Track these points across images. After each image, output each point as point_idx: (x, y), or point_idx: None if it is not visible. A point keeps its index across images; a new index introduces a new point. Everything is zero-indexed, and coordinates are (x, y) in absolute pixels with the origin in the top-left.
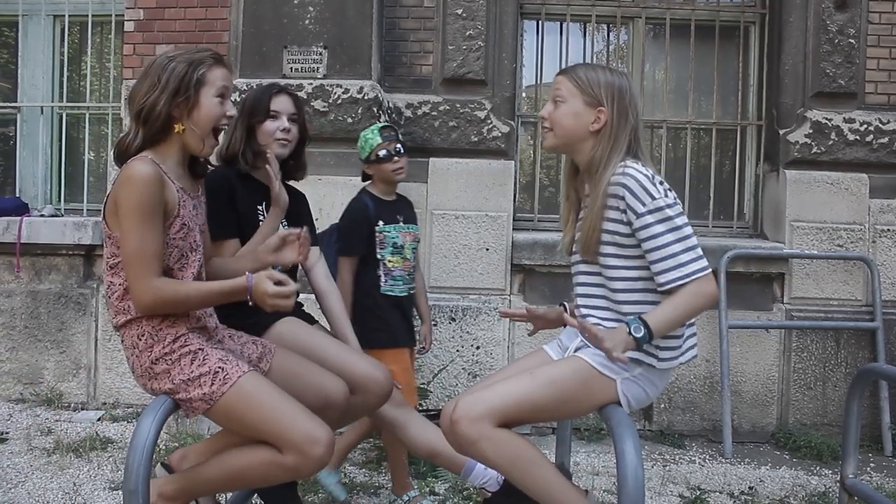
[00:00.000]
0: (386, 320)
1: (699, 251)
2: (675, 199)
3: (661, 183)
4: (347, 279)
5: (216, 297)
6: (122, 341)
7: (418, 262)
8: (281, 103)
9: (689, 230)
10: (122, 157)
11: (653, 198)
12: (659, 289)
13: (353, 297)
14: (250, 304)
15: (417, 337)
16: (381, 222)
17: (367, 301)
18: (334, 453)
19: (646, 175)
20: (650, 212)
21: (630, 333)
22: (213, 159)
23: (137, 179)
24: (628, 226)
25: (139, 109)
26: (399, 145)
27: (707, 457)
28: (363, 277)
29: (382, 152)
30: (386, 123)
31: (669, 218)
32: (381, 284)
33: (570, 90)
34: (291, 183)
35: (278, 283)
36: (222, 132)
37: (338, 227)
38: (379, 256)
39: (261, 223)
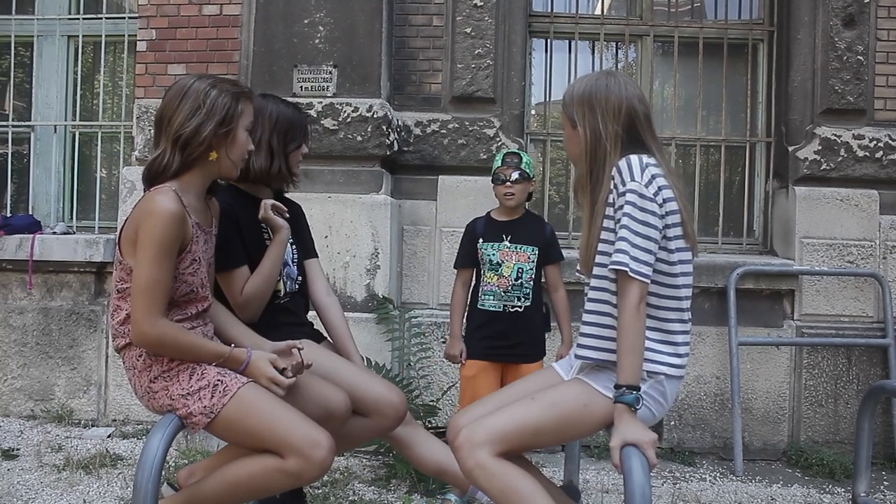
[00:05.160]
0: (470, 332)
1: (639, 252)
2: (655, 193)
3: (653, 177)
4: (457, 290)
5: (210, 357)
6: (123, 363)
7: (556, 282)
8: None
9: (644, 229)
10: (155, 179)
11: (633, 179)
12: None
13: (466, 308)
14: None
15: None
16: (481, 240)
17: (468, 315)
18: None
19: (639, 162)
20: (623, 193)
21: (627, 405)
22: None
23: (162, 215)
24: (617, 213)
25: (179, 134)
26: (516, 173)
27: (718, 475)
28: (474, 291)
29: (498, 176)
30: (513, 150)
31: (633, 204)
32: (479, 298)
33: (562, 117)
34: (289, 195)
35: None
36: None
37: None
38: (482, 273)
39: (267, 243)
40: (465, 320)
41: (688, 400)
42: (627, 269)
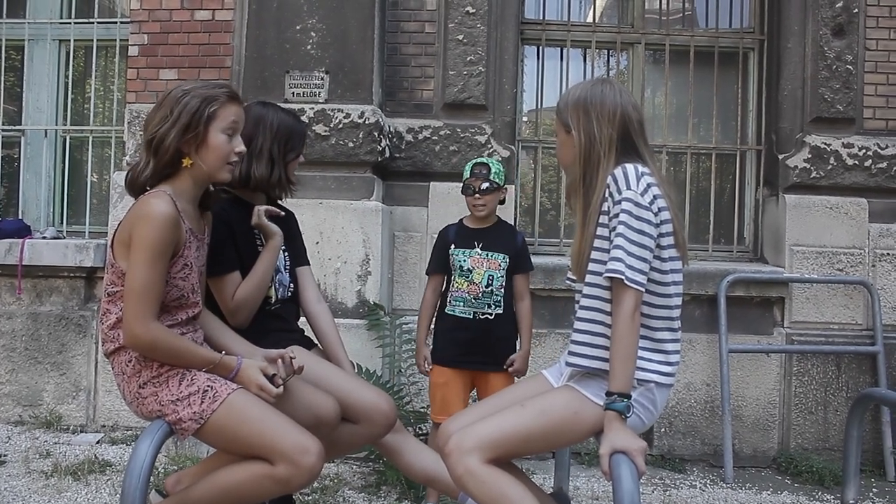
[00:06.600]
0: (439, 338)
1: (634, 261)
2: (650, 202)
3: (649, 186)
4: (427, 296)
5: (201, 363)
6: (112, 368)
7: (523, 291)
8: None
9: (640, 238)
10: (134, 186)
11: (628, 188)
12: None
13: (434, 314)
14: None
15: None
16: (453, 246)
17: (437, 319)
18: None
19: (635, 171)
20: (619, 202)
21: (617, 412)
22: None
23: (157, 219)
24: (612, 221)
25: (150, 139)
26: (485, 184)
27: (708, 482)
28: (443, 296)
29: (468, 187)
30: (482, 160)
31: (629, 213)
32: (448, 304)
33: (556, 122)
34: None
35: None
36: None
37: None
38: (452, 278)
39: (260, 250)
40: (433, 326)
41: (678, 407)
42: (623, 277)
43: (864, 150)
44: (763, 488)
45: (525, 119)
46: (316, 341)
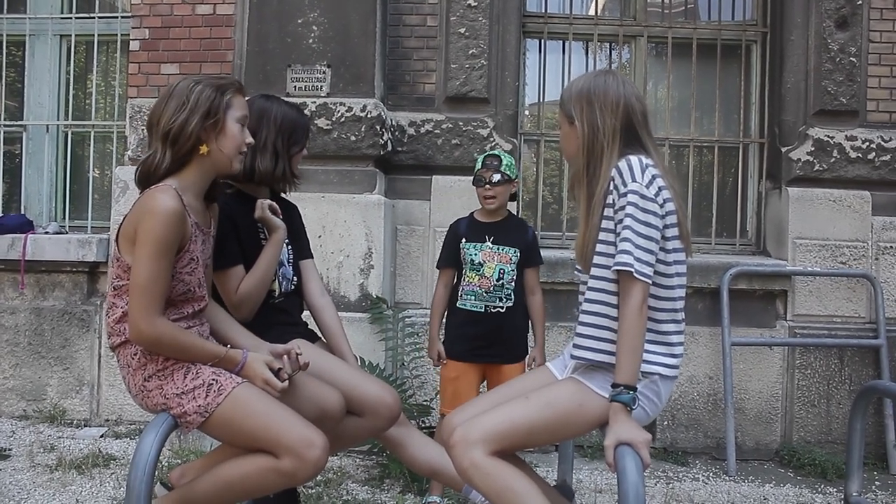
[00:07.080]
0: (451, 332)
1: (642, 253)
2: (656, 194)
3: (653, 178)
4: (438, 291)
5: (206, 357)
6: (118, 361)
7: (534, 285)
8: None
9: (646, 230)
10: (148, 179)
11: (633, 180)
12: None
13: (446, 308)
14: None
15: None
16: (464, 240)
17: (448, 313)
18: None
19: (639, 163)
20: (624, 194)
21: (623, 404)
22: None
23: (162, 214)
24: (618, 213)
25: (167, 130)
26: (496, 175)
27: (711, 474)
28: (454, 291)
29: (479, 179)
30: (494, 153)
31: (635, 205)
32: (459, 298)
33: (559, 113)
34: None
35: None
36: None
37: None
38: (463, 272)
39: (263, 243)
40: (445, 320)
41: (681, 400)
42: (632, 270)
43: (867, 143)
44: (766, 481)
45: (527, 112)
46: (319, 334)
